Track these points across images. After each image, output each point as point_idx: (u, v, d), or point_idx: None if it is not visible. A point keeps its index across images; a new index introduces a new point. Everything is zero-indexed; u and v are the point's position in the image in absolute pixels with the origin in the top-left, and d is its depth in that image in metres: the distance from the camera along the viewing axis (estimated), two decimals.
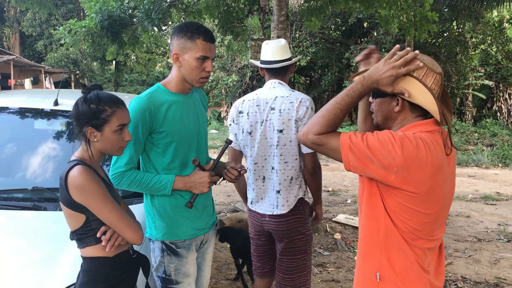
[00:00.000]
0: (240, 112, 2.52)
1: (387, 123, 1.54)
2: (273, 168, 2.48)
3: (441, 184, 1.44)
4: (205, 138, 2.13)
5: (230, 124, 2.60)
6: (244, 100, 2.53)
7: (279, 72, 2.52)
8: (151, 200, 2.00)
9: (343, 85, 14.21)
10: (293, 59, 2.56)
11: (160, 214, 1.99)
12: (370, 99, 1.57)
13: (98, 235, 1.61)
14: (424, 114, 1.48)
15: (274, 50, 2.50)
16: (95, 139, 1.65)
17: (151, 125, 1.90)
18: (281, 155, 2.44)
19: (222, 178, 2.17)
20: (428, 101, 1.42)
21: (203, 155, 2.11)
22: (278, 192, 2.48)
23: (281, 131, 2.41)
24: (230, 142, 2.12)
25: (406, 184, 1.38)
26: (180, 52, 1.91)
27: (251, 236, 2.70)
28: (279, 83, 2.51)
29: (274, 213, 2.49)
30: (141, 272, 1.85)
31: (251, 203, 2.58)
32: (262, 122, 2.46)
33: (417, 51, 1.44)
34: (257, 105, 2.47)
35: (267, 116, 2.44)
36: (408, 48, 1.46)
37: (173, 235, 1.99)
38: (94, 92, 1.66)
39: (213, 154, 12.12)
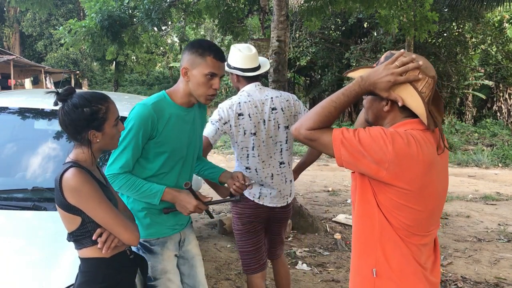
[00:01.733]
0: (240, 115, 2.57)
1: (378, 121, 1.55)
2: (282, 163, 2.69)
3: (434, 181, 1.45)
4: (195, 150, 2.15)
5: (222, 123, 2.57)
6: (240, 103, 2.58)
7: (257, 77, 2.72)
8: (126, 200, 2.03)
9: (343, 85, 14.20)
10: (266, 65, 2.79)
11: (135, 213, 2.00)
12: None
13: (93, 237, 1.60)
14: (413, 115, 1.48)
15: (252, 57, 2.65)
16: (98, 140, 1.64)
17: (151, 132, 1.92)
18: (289, 149, 2.72)
19: (229, 196, 2.30)
20: (416, 104, 1.42)
21: (188, 167, 2.12)
22: (291, 181, 2.78)
23: (287, 127, 2.66)
24: (239, 200, 2.16)
25: (397, 180, 1.39)
26: (190, 67, 1.94)
27: (250, 231, 2.72)
28: (260, 85, 2.70)
29: (288, 202, 2.76)
30: (139, 272, 1.85)
31: (258, 198, 2.65)
32: (265, 121, 2.60)
33: (420, 62, 1.43)
34: (255, 107, 2.60)
35: (269, 116, 2.61)
36: (413, 56, 1.45)
37: (147, 234, 2.02)
38: (77, 95, 1.62)
39: (213, 155, 12.11)
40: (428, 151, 1.42)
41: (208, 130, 2.56)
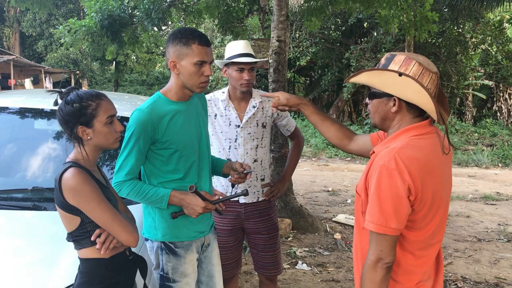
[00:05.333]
0: None
1: (385, 123, 1.54)
2: None
3: (436, 186, 1.45)
4: (207, 142, 2.14)
5: None
6: None
7: None
8: None
9: (343, 85, 14.19)
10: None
11: (162, 215, 1.99)
12: (367, 100, 1.58)
13: (92, 238, 1.60)
14: (421, 114, 1.48)
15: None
16: (88, 137, 1.64)
17: (153, 136, 1.91)
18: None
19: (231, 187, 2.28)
20: (424, 101, 1.42)
21: (206, 159, 2.11)
22: None
23: None
24: (246, 194, 2.14)
25: (419, 201, 1.42)
26: (177, 59, 1.90)
27: None
28: None
29: None
30: (139, 273, 1.84)
31: None
32: None
33: (420, 58, 1.47)
34: None
35: None
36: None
37: (174, 236, 2.00)
38: (73, 92, 1.66)
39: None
40: (434, 156, 1.43)
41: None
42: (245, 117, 2.57)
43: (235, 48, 2.50)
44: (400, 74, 1.43)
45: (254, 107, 2.58)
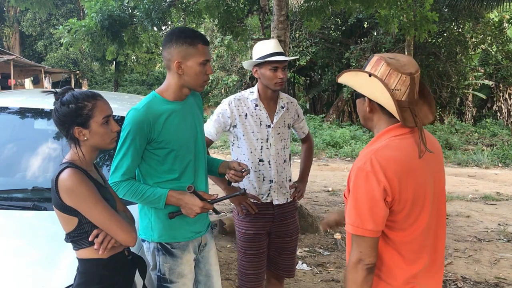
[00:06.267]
0: None
1: (367, 123, 1.58)
2: None
3: (417, 186, 1.44)
4: (203, 142, 2.14)
5: None
6: None
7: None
8: None
9: (343, 85, 14.20)
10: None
11: (158, 215, 1.99)
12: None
13: (90, 238, 1.60)
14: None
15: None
16: (85, 138, 1.64)
17: (149, 135, 1.90)
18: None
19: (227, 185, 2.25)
20: (388, 101, 1.44)
21: (202, 159, 2.11)
22: None
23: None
24: (244, 194, 2.14)
25: (397, 203, 1.42)
26: (182, 60, 1.91)
27: None
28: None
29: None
30: (138, 273, 1.84)
31: None
32: None
33: (403, 60, 1.47)
34: None
35: None
36: None
37: (170, 236, 2.00)
38: (69, 93, 1.65)
39: (213, 154, 12.11)
40: (416, 155, 1.43)
41: None
42: (276, 117, 2.57)
43: (266, 47, 2.49)
44: (370, 75, 1.46)
45: (282, 107, 2.61)
